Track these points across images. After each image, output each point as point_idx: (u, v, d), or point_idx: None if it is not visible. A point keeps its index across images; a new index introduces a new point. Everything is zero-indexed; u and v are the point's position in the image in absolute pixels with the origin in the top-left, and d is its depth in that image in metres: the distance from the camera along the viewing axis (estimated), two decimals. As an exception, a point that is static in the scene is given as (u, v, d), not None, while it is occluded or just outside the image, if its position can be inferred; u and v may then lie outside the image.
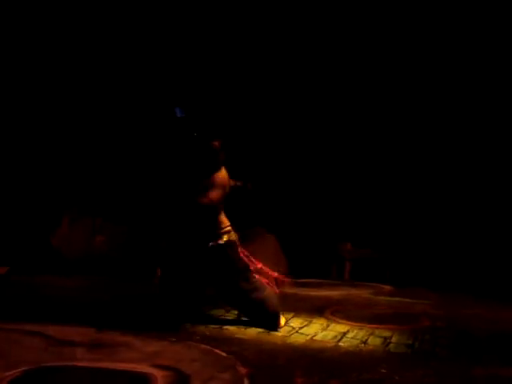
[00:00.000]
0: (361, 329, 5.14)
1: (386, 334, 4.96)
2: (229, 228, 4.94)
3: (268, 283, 5.15)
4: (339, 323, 5.38)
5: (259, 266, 5.17)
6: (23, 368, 3.34)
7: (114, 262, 9.12)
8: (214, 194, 4.83)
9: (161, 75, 9.98)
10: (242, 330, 4.85)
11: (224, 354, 3.85)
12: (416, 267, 9.69)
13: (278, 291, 5.28)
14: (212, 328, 4.82)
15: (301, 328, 5.04)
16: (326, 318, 5.67)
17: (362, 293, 8.18)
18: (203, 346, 4.10)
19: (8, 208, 8.97)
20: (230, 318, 5.33)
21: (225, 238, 4.86)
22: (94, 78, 9.74)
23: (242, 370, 3.49)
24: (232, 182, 5.19)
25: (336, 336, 4.77)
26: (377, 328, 5.21)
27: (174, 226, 5.25)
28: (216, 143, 4.93)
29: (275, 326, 4.96)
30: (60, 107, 9.64)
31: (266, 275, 5.21)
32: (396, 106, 10.24)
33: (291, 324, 5.19)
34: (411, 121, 10.22)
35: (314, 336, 4.75)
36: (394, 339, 4.75)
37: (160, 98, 9.95)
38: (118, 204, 9.59)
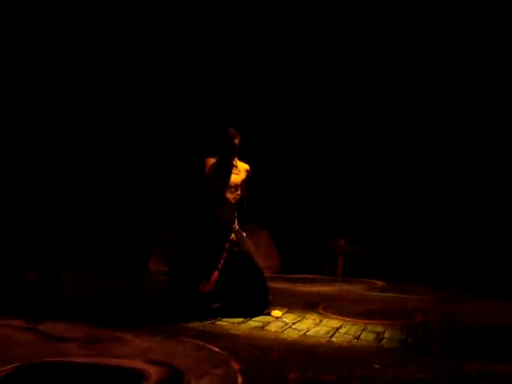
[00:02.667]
0: (354, 324, 5.16)
1: (379, 329, 4.98)
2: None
3: None
4: (332, 318, 5.40)
5: None
6: (16, 364, 3.33)
7: (107, 255, 9.13)
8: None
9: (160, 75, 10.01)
10: (235, 325, 4.85)
11: (217, 350, 3.85)
12: (409, 263, 9.72)
13: None
14: (205, 323, 4.82)
15: (294, 323, 5.05)
16: (319, 313, 5.69)
17: (354, 288, 8.21)
18: (196, 341, 4.10)
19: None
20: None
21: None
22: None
23: (235, 366, 3.49)
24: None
25: (329, 331, 4.78)
26: (370, 323, 5.23)
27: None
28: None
29: None
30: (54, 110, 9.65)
31: None
32: (388, 105, 10.28)
33: (284, 319, 5.21)
34: (401, 117, 10.26)
35: (307, 331, 4.75)
36: (386, 334, 4.77)
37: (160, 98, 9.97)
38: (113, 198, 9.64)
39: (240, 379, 3.27)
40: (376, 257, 10.11)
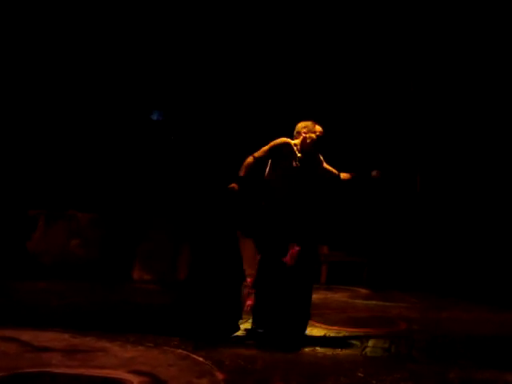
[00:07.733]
0: (338, 332, 5.16)
1: (363, 337, 4.98)
2: None
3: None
4: (316, 327, 5.39)
5: None
6: (-3, 375, 3.29)
7: (90, 264, 9.07)
8: None
9: (140, 78, 9.97)
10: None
11: (201, 360, 3.83)
12: (392, 270, 9.75)
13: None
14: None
15: (278, 332, 5.02)
16: (303, 321, 5.68)
17: (338, 296, 8.22)
18: (180, 351, 4.07)
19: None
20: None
21: None
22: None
23: (220, 376, 3.47)
24: None
25: (313, 340, 4.78)
26: (354, 332, 5.23)
27: None
28: None
29: None
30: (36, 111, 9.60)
31: None
32: (371, 115, 10.33)
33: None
34: (384, 127, 10.31)
35: (292, 340, 4.74)
36: (370, 343, 4.77)
37: (138, 100, 9.92)
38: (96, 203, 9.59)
39: (224, 389, 3.26)
40: (360, 264, 10.14)
